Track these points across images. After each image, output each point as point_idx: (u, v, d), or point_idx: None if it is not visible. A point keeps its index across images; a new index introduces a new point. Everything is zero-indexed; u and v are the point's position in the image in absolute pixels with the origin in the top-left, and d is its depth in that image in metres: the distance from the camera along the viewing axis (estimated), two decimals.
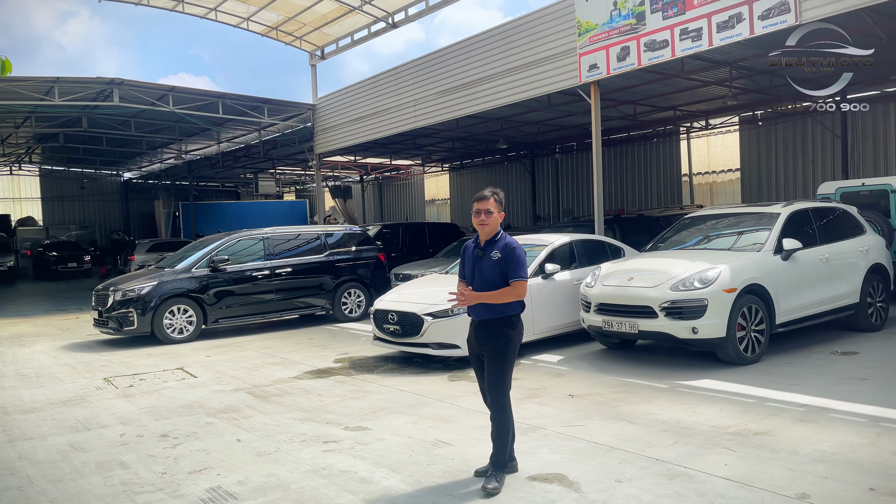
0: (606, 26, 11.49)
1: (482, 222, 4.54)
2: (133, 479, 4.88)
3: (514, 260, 4.45)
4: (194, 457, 5.32)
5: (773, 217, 8.49)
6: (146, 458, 5.36)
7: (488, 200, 4.56)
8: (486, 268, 4.52)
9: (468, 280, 4.66)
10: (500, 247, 4.52)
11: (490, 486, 4.36)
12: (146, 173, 36.30)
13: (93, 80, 17.85)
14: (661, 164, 22.79)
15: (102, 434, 6.08)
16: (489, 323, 4.52)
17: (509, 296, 4.45)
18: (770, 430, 5.31)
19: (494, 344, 4.50)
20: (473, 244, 4.71)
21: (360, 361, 9.06)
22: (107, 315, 11.07)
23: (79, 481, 4.89)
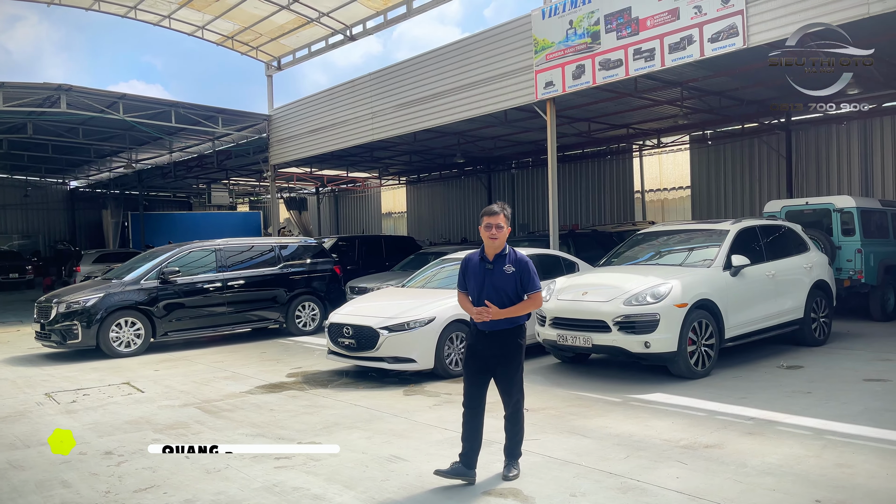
0: (562, 44, 11.68)
1: (493, 236, 4.72)
2: (75, 499, 4.69)
3: (530, 274, 4.74)
4: (140, 475, 5.14)
5: (722, 234, 8.70)
6: (89, 476, 5.16)
7: (499, 216, 4.73)
8: (499, 281, 4.72)
9: (474, 293, 4.81)
10: (512, 261, 4.75)
11: (512, 473, 4.78)
12: (94, 182, 35.33)
13: (39, 86, 17.33)
14: (614, 181, 23.20)
15: (43, 451, 5.84)
16: (505, 333, 4.75)
17: (529, 307, 4.76)
18: (720, 442, 5.41)
19: (511, 353, 4.77)
20: (479, 258, 4.85)
21: (313, 376, 8.93)
22: (49, 328, 10.69)
23: (17, 501, 4.68)
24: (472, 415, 4.83)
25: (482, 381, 4.85)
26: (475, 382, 4.85)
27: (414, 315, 8.20)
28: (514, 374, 4.78)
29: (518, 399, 4.80)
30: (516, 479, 4.72)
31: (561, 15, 11.69)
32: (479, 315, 4.66)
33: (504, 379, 4.79)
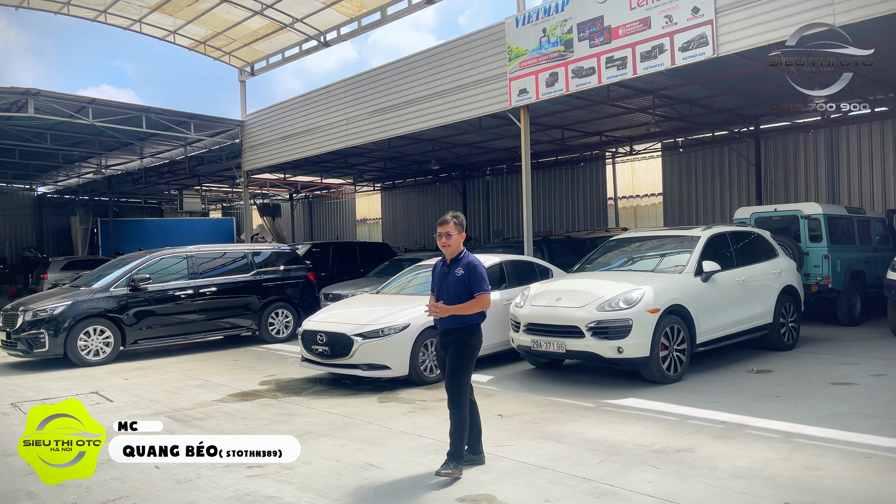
0: (536, 52, 11.77)
1: (444, 244, 5.13)
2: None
3: (477, 276, 5.04)
4: (108, 485, 5.05)
5: (693, 240, 8.82)
6: (56, 487, 5.04)
7: (448, 224, 5.13)
8: (451, 283, 5.10)
9: (436, 295, 5.21)
10: (463, 264, 5.10)
11: (445, 471, 4.84)
12: (62, 188, 34.67)
13: (6, 90, 16.99)
14: (587, 188, 23.39)
15: (8, 462, 5.71)
16: (452, 331, 5.07)
17: (475, 307, 5.04)
18: (691, 446, 5.47)
19: (455, 349, 5.04)
20: (441, 263, 5.28)
21: (287, 383, 8.85)
22: (15, 336, 10.47)
23: None
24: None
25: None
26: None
27: (388, 322, 8.17)
28: (455, 372, 4.98)
29: (455, 397, 4.95)
30: (449, 477, 4.82)
31: (534, 23, 11.78)
32: (429, 311, 5.09)
33: (448, 372, 5.03)
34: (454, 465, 4.88)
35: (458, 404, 4.96)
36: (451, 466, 4.87)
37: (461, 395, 4.97)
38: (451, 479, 4.83)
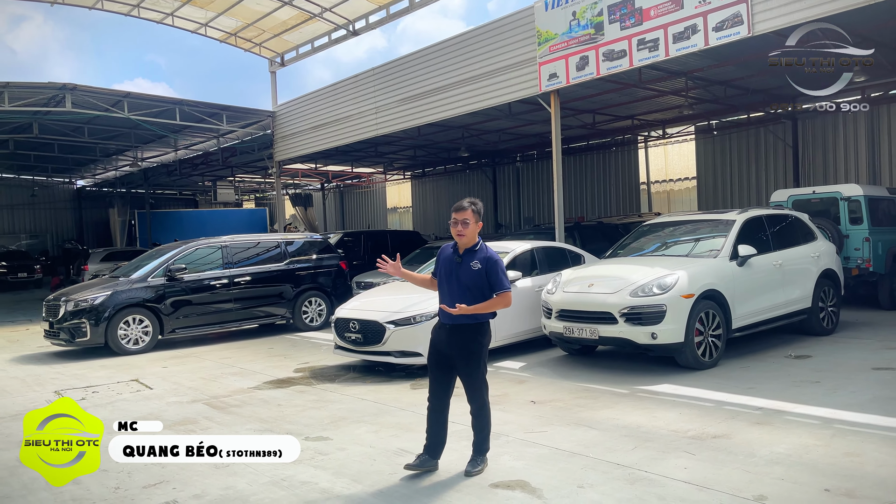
0: (566, 36, 11.63)
1: (459, 233, 4.68)
2: (84, 496, 4.72)
3: (498, 272, 4.63)
4: (149, 470, 5.16)
5: (728, 224, 8.67)
6: (99, 472, 5.16)
7: (466, 211, 4.69)
8: (464, 275, 4.67)
9: (442, 284, 4.81)
10: (480, 257, 4.67)
11: (476, 469, 4.71)
12: (100, 181, 35.45)
13: (44, 86, 17.38)
14: (619, 173, 23.13)
15: None
16: (463, 328, 4.68)
17: (497, 306, 4.65)
18: (728, 433, 5.40)
19: (468, 350, 4.69)
20: (452, 249, 4.81)
21: (321, 371, 8.95)
22: (58, 326, 10.74)
23: (28, 498, 4.72)
24: (435, 409, 4.85)
25: (445, 376, 4.82)
26: (437, 378, 4.85)
27: (420, 309, 8.20)
28: (474, 370, 4.72)
29: (481, 396, 4.76)
30: (480, 474, 4.70)
31: (564, 6, 11.63)
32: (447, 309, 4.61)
33: (465, 375, 4.76)
34: (482, 459, 4.81)
35: (481, 404, 4.75)
36: (480, 462, 4.79)
37: (484, 394, 4.76)
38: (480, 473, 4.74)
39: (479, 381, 4.73)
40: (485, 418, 4.79)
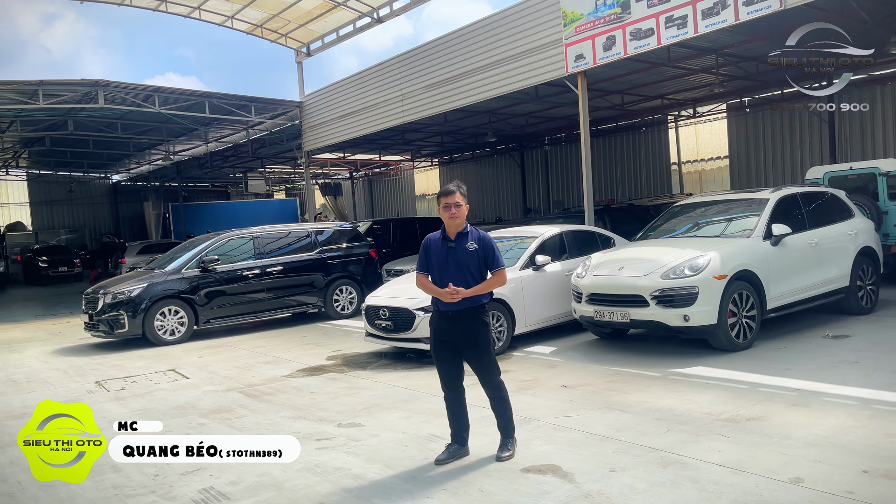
0: (592, 16, 11.46)
1: (453, 216, 4.69)
2: (125, 483, 4.84)
3: (494, 250, 4.72)
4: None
5: (761, 203, 8.50)
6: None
7: (455, 194, 4.70)
8: (462, 258, 4.69)
9: (436, 272, 4.77)
10: (475, 238, 4.74)
11: (506, 453, 4.73)
12: (135, 175, 36.06)
13: (77, 83, 17.69)
14: (649, 153, 22.80)
15: None
16: (468, 313, 4.69)
17: (495, 284, 4.73)
18: (763, 415, 5.32)
19: (476, 333, 4.71)
20: (441, 236, 4.81)
21: (352, 358, 9.04)
22: (97, 318, 11.00)
23: (70, 486, 4.84)
24: (452, 399, 4.88)
25: (453, 364, 4.83)
26: (445, 368, 4.86)
27: None
28: (484, 353, 4.73)
29: (494, 378, 4.77)
30: (512, 457, 4.70)
31: None
32: (451, 295, 4.59)
33: (475, 360, 4.76)
34: (511, 442, 4.81)
35: (498, 385, 4.79)
36: (510, 445, 4.79)
37: (498, 375, 4.80)
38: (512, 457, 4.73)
39: (489, 364, 4.75)
40: (503, 400, 4.81)
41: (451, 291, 4.60)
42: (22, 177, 36.53)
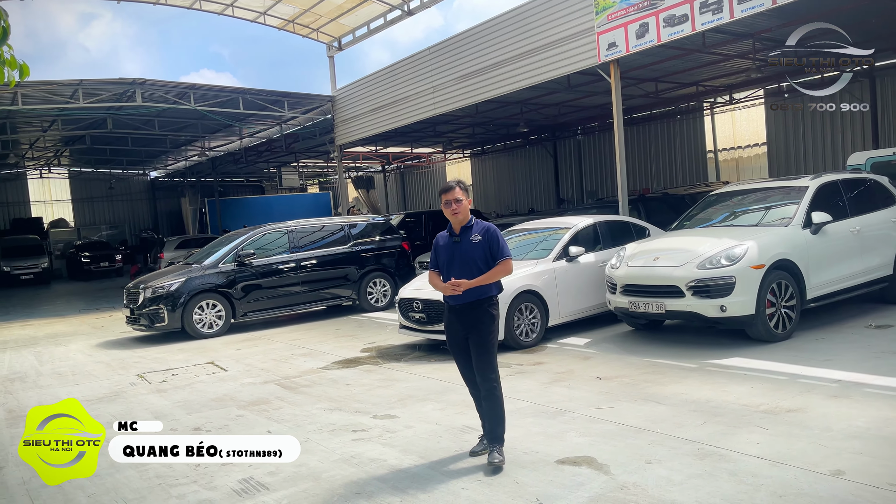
0: (624, 3, 11.31)
1: (454, 211, 4.71)
2: (168, 472, 4.96)
3: (498, 240, 4.68)
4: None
5: (801, 190, 8.32)
6: None
7: (454, 190, 4.72)
8: (468, 251, 4.68)
9: (444, 268, 4.79)
10: (479, 230, 4.71)
11: (496, 460, 4.51)
12: (172, 171, 36.76)
13: (115, 82, 18.07)
14: (685, 142, 22.46)
15: None
16: (475, 305, 4.66)
17: (499, 275, 4.67)
18: (802, 407, 5.23)
19: (481, 325, 4.64)
20: (447, 233, 4.85)
21: (387, 350, 9.11)
22: (138, 312, 11.26)
23: (115, 475, 4.99)
24: (474, 393, 4.84)
25: (466, 358, 4.78)
26: (461, 363, 4.85)
27: None
28: (484, 348, 4.62)
29: (492, 376, 4.64)
30: (500, 465, 4.48)
31: None
32: (452, 288, 4.59)
33: (476, 351, 4.65)
34: (500, 449, 4.59)
35: (494, 385, 4.63)
36: (500, 452, 4.57)
37: (496, 373, 4.66)
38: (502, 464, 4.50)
39: (489, 358, 4.64)
40: (497, 401, 4.65)
41: (451, 284, 4.61)
42: (64, 174, 37.51)
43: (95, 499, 4.60)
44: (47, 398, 7.76)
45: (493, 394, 4.64)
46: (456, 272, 4.66)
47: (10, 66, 3.31)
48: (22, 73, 3.37)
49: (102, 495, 4.65)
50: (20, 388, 8.46)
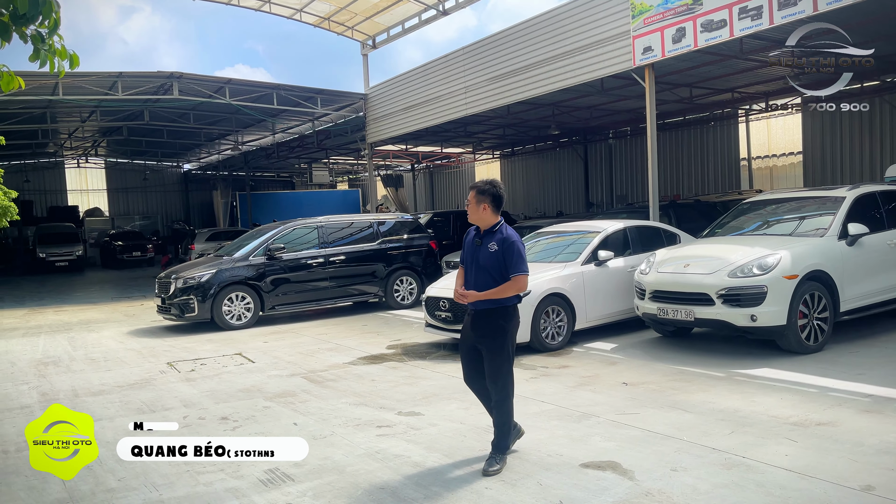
0: (661, 7, 11.22)
1: (469, 214, 4.66)
2: (196, 460, 5.03)
3: (514, 254, 4.49)
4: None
5: (837, 201, 8.18)
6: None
7: (470, 192, 4.66)
8: (482, 257, 4.58)
9: (466, 267, 4.73)
10: (498, 239, 4.56)
11: (493, 468, 4.48)
12: (205, 164, 37.27)
13: (154, 75, 18.40)
14: (718, 148, 22.20)
15: (167, 416, 6.31)
16: (487, 313, 4.58)
17: (509, 291, 4.50)
18: (833, 420, 5.15)
19: (493, 337, 4.57)
20: (475, 231, 4.75)
21: (412, 348, 9.15)
22: (169, 302, 11.45)
23: (146, 461, 5.06)
24: (479, 392, 4.84)
25: (471, 360, 4.76)
26: (465, 364, 4.84)
27: None
28: (496, 358, 4.56)
29: (504, 386, 4.58)
30: (497, 474, 4.44)
31: None
32: (457, 297, 4.61)
33: (488, 361, 4.60)
34: (500, 458, 4.56)
35: (505, 396, 4.58)
36: (499, 461, 4.54)
37: (507, 386, 4.59)
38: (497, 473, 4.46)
39: (502, 369, 4.57)
40: (506, 411, 4.61)
41: (459, 294, 4.61)
42: (100, 164, 38.27)
43: (125, 482, 4.70)
44: (80, 383, 7.93)
45: (502, 405, 4.61)
46: (472, 275, 4.62)
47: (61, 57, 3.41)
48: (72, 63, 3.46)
49: (132, 479, 4.75)
50: (54, 371, 8.66)
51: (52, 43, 3.34)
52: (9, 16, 3.10)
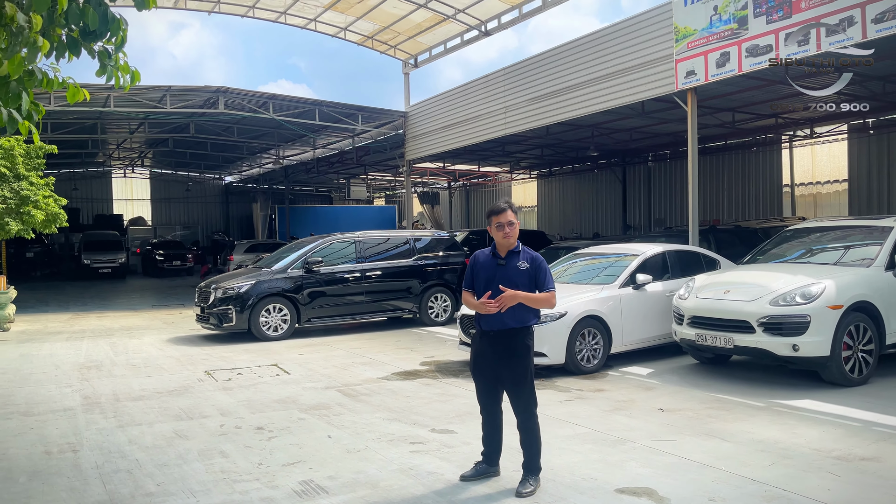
0: (706, 31, 11.17)
1: (506, 235, 4.58)
2: (232, 468, 5.12)
3: (545, 271, 4.62)
4: (288, 450, 5.53)
5: (884, 231, 8.00)
6: (244, 448, 5.61)
7: (507, 212, 4.60)
8: (512, 276, 4.56)
9: (482, 288, 4.60)
10: (526, 258, 4.62)
11: (527, 490, 4.46)
12: (245, 177, 37.96)
13: (201, 89, 18.87)
14: (760, 174, 21.88)
15: (204, 423, 6.41)
16: (512, 333, 4.56)
17: (545, 303, 4.58)
18: (878, 455, 5.01)
19: (517, 355, 4.57)
20: (490, 253, 4.71)
21: (445, 365, 9.15)
22: (208, 311, 11.65)
23: (183, 467, 5.18)
24: (489, 419, 4.79)
25: (491, 386, 4.70)
26: (483, 389, 4.75)
27: None
28: (521, 378, 4.55)
29: (529, 407, 4.58)
30: (531, 495, 4.40)
31: (705, 1, 11.16)
32: (485, 306, 4.44)
33: (511, 384, 4.59)
34: (534, 479, 4.54)
35: (532, 416, 4.58)
36: (532, 482, 4.51)
37: (534, 405, 4.60)
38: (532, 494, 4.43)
39: (527, 391, 4.58)
40: (534, 433, 4.59)
41: (484, 302, 4.46)
42: (145, 175, 39.26)
43: (164, 487, 4.78)
44: (121, 388, 8.11)
45: (530, 426, 4.59)
46: (494, 295, 4.48)
47: (124, 72, 3.56)
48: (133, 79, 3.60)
49: (170, 484, 4.83)
50: (95, 376, 8.87)
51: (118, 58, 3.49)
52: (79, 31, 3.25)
